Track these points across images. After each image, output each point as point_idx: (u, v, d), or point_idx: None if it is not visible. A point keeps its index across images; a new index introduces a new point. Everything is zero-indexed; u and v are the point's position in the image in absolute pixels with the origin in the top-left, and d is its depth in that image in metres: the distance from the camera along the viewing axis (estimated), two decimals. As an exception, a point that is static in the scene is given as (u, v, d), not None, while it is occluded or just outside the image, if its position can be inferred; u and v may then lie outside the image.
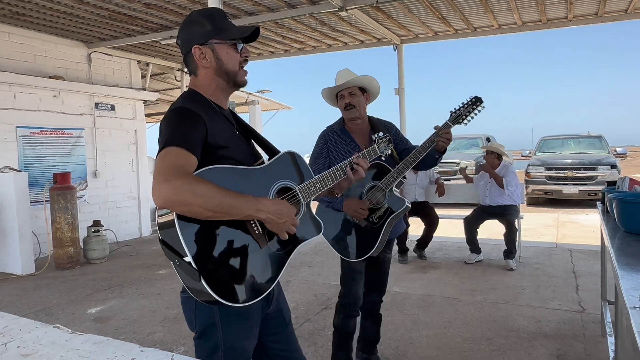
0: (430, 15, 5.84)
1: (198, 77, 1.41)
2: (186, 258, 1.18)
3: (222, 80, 1.41)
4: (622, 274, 1.41)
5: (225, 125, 1.39)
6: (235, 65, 1.40)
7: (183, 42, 1.41)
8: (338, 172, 1.58)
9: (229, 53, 1.39)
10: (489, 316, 3.56)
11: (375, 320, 2.73)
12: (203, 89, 1.41)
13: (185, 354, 3.02)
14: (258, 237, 1.33)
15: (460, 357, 2.89)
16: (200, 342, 1.40)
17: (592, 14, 5.82)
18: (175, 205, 1.17)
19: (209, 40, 1.37)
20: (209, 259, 1.22)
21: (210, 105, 1.38)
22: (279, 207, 1.31)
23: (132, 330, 3.49)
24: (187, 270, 1.20)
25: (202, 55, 1.37)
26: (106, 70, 7.33)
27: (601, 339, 3.06)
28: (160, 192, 1.15)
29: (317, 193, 1.50)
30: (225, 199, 1.19)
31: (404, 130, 7.01)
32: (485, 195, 5.26)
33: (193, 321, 1.40)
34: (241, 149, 1.42)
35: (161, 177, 1.16)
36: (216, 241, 1.25)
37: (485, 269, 4.96)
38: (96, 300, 4.28)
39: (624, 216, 2.09)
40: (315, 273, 4.90)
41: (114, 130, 7.27)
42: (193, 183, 1.16)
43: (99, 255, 5.85)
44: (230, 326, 1.36)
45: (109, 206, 7.16)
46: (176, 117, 1.29)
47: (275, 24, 6.01)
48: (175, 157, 1.20)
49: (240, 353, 1.40)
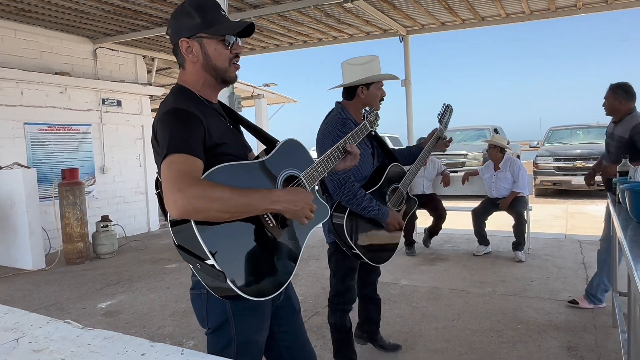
0: (436, 5, 5.77)
1: (186, 70, 1.36)
2: (209, 261, 1.17)
3: (209, 76, 1.35)
4: (637, 265, 1.39)
5: (218, 121, 1.36)
6: (225, 61, 1.34)
7: (172, 33, 1.34)
8: (336, 153, 1.62)
9: (217, 49, 1.32)
10: (498, 308, 3.54)
11: (377, 303, 2.83)
12: (191, 83, 1.35)
13: (194, 347, 3.05)
14: (273, 229, 1.33)
15: (469, 349, 2.88)
16: (212, 337, 1.40)
17: (601, 1, 5.72)
18: (193, 214, 1.14)
19: (197, 34, 1.30)
20: (232, 259, 1.22)
21: (201, 102, 1.33)
22: (293, 195, 1.30)
23: (142, 324, 3.52)
24: (211, 273, 1.19)
25: (190, 49, 1.31)
26: (112, 66, 7.34)
27: (612, 331, 3.03)
28: (175, 203, 1.13)
29: (320, 177, 1.51)
30: (242, 198, 1.18)
31: (410, 121, 6.97)
32: (491, 187, 5.23)
33: (205, 318, 1.39)
34: (236, 143, 1.39)
35: (174, 188, 1.13)
36: (235, 240, 1.25)
37: (493, 261, 4.93)
38: (106, 294, 4.32)
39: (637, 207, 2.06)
40: (323, 266, 4.90)
41: (120, 126, 7.30)
42: (207, 189, 1.14)
43: (108, 250, 5.90)
44: (243, 320, 1.36)
45: (117, 201, 7.20)
46: (173, 120, 1.23)
47: (280, 16, 5.98)
48: (183, 165, 1.16)
49: (253, 346, 1.41)
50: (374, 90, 2.32)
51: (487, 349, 2.87)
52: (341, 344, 2.54)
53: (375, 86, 2.33)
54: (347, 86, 2.36)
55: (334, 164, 1.60)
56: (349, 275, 2.46)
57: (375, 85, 2.33)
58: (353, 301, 2.52)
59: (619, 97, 3.13)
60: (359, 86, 2.31)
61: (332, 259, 2.48)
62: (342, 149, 1.64)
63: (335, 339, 2.56)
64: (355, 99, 2.34)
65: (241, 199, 1.18)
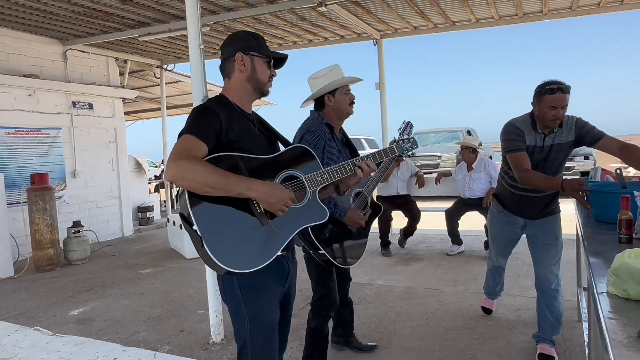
0: (409, 9, 5.87)
1: (232, 79, 1.66)
2: (194, 226, 1.39)
3: (250, 86, 1.65)
4: (593, 260, 1.47)
5: (244, 124, 1.60)
6: (265, 77, 1.66)
7: (227, 50, 1.65)
8: (348, 166, 1.75)
9: (263, 67, 1.65)
10: (470, 306, 3.63)
11: (349, 306, 2.92)
12: (232, 92, 1.65)
13: (169, 352, 3.03)
14: (260, 215, 1.50)
15: (442, 346, 2.95)
16: (232, 316, 1.62)
17: (566, 8, 5.93)
18: (179, 180, 1.39)
19: (250, 52, 1.63)
20: (213, 228, 1.41)
21: (232, 108, 1.61)
22: (270, 188, 1.47)
23: (115, 330, 3.46)
24: (195, 238, 1.40)
25: (242, 61, 1.62)
26: (83, 68, 7.19)
27: (577, 325, 3.16)
28: (169, 169, 1.39)
29: (324, 183, 1.66)
30: (220, 178, 1.40)
31: (384, 123, 7.06)
32: (464, 188, 5.35)
33: (223, 295, 1.63)
34: (259, 145, 1.61)
35: (173, 157, 1.41)
36: (221, 214, 1.44)
37: (466, 260, 5.05)
38: (78, 301, 4.23)
39: (594, 206, 2.17)
40: (300, 268, 4.91)
41: (92, 129, 7.15)
42: (194, 163, 1.39)
43: (79, 257, 5.77)
44: (250, 298, 1.57)
45: (89, 206, 7.05)
46: (196, 112, 1.54)
47: (255, 19, 5.97)
48: (187, 143, 1.44)
49: (263, 321, 1.59)
50: (340, 96, 2.41)
51: (459, 346, 2.94)
52: (314, 349, 2.55)
53: (340, 92, 2.41)
54: (314, 98, 2.46)
55: (344, 175, 1.73)
56: (329, 277, 2.49)
57: (340, 91, 2.41)
58: (336, 305, 2.53)
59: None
60: (325, 95, 2.40)
61: (310, 264, 2.52)
62: (355, 163, 1.76)
63: (312, 343, 2.56)
64: (325, 108, 2.43)
65: (220, 178, 1.39)
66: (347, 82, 2.44)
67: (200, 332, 3.34)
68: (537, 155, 2.54)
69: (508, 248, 3.08)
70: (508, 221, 2.88)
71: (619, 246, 1.64)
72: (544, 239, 2.74)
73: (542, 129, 2.51)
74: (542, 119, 2.47)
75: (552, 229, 2.73)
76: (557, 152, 2.52)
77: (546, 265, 2.73)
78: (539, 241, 2.75)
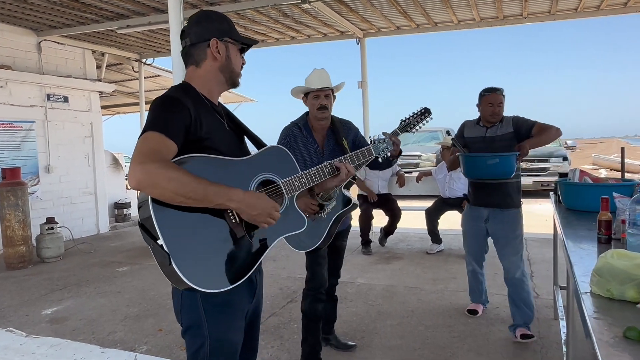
0: (392, 9, 5.89)
1: (200, 68, 1.44)
2: (159, 241, 1.21)
3: (223, 77, 1.46)
4: (575, 260, 1.49)
5: (213, 118, 1.42)
6: (239, 67, 1.49)
7: (197, 32, 1.44)
8: (326, 169, 1.63)
9: (237, 55, 1.48)
10: (449, 304, 3.67)
11: (333, 302, 2.94)
12: (199, 81, 1.44)
13: (147, 352, 2.96)
14: (234, 225, 1.34)
15: (423, 344, 2.97)
16: (187, 337, 1.42)
17: (545, 12, 6.05)
18: (148, 188, 1.20)
19: (225, 38, 1.44)
20: (182, 243, 1.24)
21: (200, 98, 1.41)
22: (253, 199, 1.32)
23: (91, 330, 3.37)
24: (160, 254, 1.22)
25: (217, 48, 1.43)
26: (58, 60, 6.98)
27: (553, 322, 3.22)
28: (134, 173, 1.19)
29: (302, 188, 1.53)
30: (199, 186, 1.22)
31: (366, 122, 7.08)
32: (444, 188, 5.41)
33: (179, 313, 1.42)
34: (228, 142, 1.44)
35: (138, 160, 1.20)
36: (191, 227, 1.27)
37: (446, 259, 5.10)
38: (51, 300, 4.10)
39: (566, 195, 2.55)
40: (280, 267, 4.89)
41: (67, 123, 6.96)
42: (168, 168, 1.20)
43: (53, 254, 5.61)
44: (215, 318, 1.37)
45: (63, 202, 6.86)
46: (160, 105, 1.33)
47: (237, 14, 5.90)
48: (154, 142, 1.24)
49: (227, 346, 1.41)
50: (310, 100, 2.55)
51: (439, 344, 2.97)
52: (308, 332, 2.63)
53: (311, 96, 2.54)
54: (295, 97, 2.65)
55: (323, 178, 1.62)
56: (314, 261, 2.57)
57: (311, 95, 2.54)
58: (321, 287, 2.60)
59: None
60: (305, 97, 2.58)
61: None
62: (333, 166, 1.66)
63: (304, 326, 2.65)
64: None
65: (198, 187, 1.22)
66: (302, 91, 2.56)
67: (178, 332, 3.25)
68: (479, 144, 3.10)
69: (478, 246, 3.26)
70: (473, 215, 3.19)
71: (599, 246, 1.67)
72: (504, 234, 3.04)
73: (484, 123, 3.12)
74: (483, 115, 3.10)
75: (511, 223, 3.03)
76: (501, 142, 3.02)
77: (508, 257, 3.03)
78: (501, 235, 3.06)
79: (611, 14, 5.88)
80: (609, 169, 17.66)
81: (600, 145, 35.89)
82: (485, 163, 2.89)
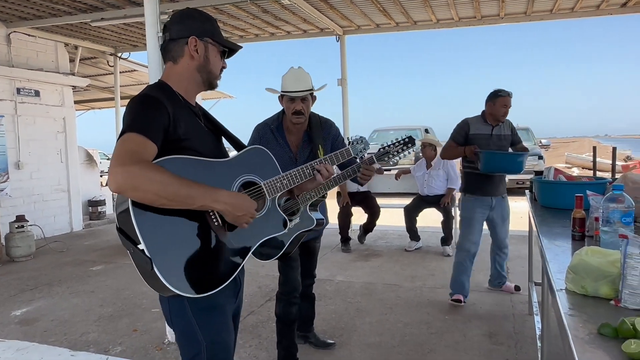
0: (372, 7, 5.90)
1: (177, 65, 1.42)
2: (140, 246, 1.18)
3: (199, 77, 1.44)
4: (550, 257, 1.51)
5: (190, 118, 1.39)
6: (217, 69, 1.47)
7: (178, 29, 1.42)
8: (307, 170, 1.61)
9: (217, 57, 1.46)
10: (427, 301, 3.71)
11: (310, 301, 2.92)
12: (176, 79, 1.41)
13: (122, 353, 2.90)
14: (217, 228, 1.33)
15: (401, 341, 2.99)
16: (181, 343, 1.41)
17: (521, 13, 6.16)
18: (129, 191, 1.16)
19: (206, 37, 1.42)
20: (163, 247, 1.21)
21: (176, 98, 1.38)
22: (238, 200, 1.31)
23: (63, 331, 3.27)
24: (141, 259, 1.19)
25: (195, 47, 1.40)
26: (29, 53, 6.75)
27: (528, 318, 3.29)
28: (114, 176, 1.16)
29: (283, 190, 1.52)
30: (182, 188, 1.20)
31: (346, 120, 7.09)
32: (423, 185, 5.46)
33: (169, 319, 1.41)
34: (206, 143, 1.41)
35: (118, 162, 1.17)
36: (172, 230, 1.24)
37: (424, 256, 5.15)
38: (21, 301, 3.97)
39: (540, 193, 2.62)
40: (259, 265, 4.85)
41: (39, 118, 6.74)
42: (149, 169, 1.17)
43: (23, 253, 5.44)
44: (205, 321, 1.37)
45: (34, 199, 6.65)
46: (138, 105, 1.30)
47: (216, 9, 5.81)
48: (134, 144, 1.20)
49: (222, 347, 1.41)
50: (285, 101, 2.41)
51: (417, 340, 2.99)
52: (283, 335, 2.60)
53: (286, 98, 2.39)
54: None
55: (303, 180, 1.59)
56: (287, 265, 2.52)
57: (286, 97, 2.39)
58: (294, 290, 2.56)
59: None
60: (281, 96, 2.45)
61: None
62: (313, 167, 1.63)
63: (278, 330, 2.62)
64: None
65: (182, 188, 1.19)
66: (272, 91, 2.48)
67: (155, 332, 3.22)
68: (484, 140, 3.37)
69: (480, 233, 3.59)
70: (483, 204, 3.51)
71: (573, 243, 1.70)
72: (503, 214, 3.64)
73: (491, 122, 3.41)
74: (495, 114, 3.36)
75: (507, 205, 3.69)
76: (502, 141, 3.43)
77: (505, 228, 3.70)
78: (502, 216, 3.63)
79: (584, 15, 6.02)
80: (581, 167, 18.16)
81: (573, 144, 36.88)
82: (516, 160, 3.28)
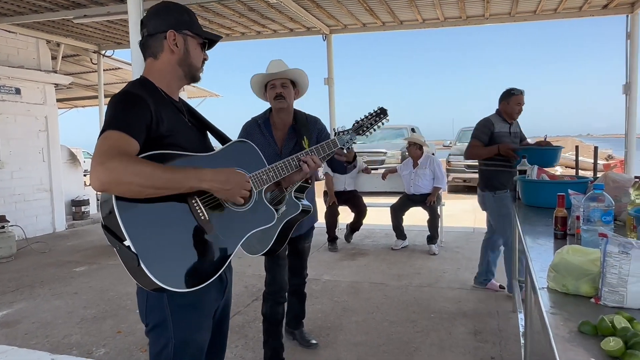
0: (358, 6, 5.91)
1: (158, 60, 1.40)
2: (125, 242, 1.17)
3: (181, 71, 1.42)
4: (533, 256, 1.53)
5: (173, 114, 1.38)
6: (199, 62, 1.45)
7: (155, 23, 1.40)
8: (294, 162, 1.61)
9: (197, 49, 1.44)
10: (413, 299, 3.73)
11: (300, 298, 2.92)
12: (157, 75, 1.40)
13: (105, 355, 2.86)
14: (204, 222, 1.32)
15: (387, 340, 3.00)
16: (152, 337, 1.38)
17: (506, 13, 6.23)
18: (113, 186, 1.15)
19: (184, 30, 1.40)
20: (150, 242, 1.20)
21: (159, 94, 1.37)
22: (223, 175, 1.31)
23: (45, 334, 3.21)
24: (127, 255, 1.18)
25: (174, 41, 1.39)
26: (9, 50, 6.61)
27: (512, 315, 3.33)
28: (96, 174, 1.15)
29: (269, 182, 1.52)
30: (165, 174, 1.20)
31: (332, 119, 7.09)
32: (409, 184, 5.49)
33: (144, 313, 1.38)
34: (191, 139, 1.41)
35: (99, 160, 1.15)
36: (158, 225, 1.24)
37: (410, 255, 5.19)
38: (2, 303, 3.89)
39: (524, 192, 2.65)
40: (245, 264, 4.83)
41: (19, 116, 6.61)
42: (130, 162, 1.16)
43: (4, 254, 5.33)
44: (181, 318, 1.34)
45: (15, 199, 6.52)
46: (120, 101, 1.28)
47: (201, 7, 5.76)
48: (115, 141, 1.19)
49: (192, 346, 1.38)
50: (268, 91, 2.48)
51: (403, 339, 3.01)
52: (269, 335, 2.59)
53: (268, 87, 2.48)
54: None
55: (290, 172, 1.60)
56: (274, 264, 2.52)
57: (268, 86, 2.48)
58: (281, 290, 2.56)
59: None
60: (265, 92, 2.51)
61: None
62: (299, 158, 1.64)
63: (265, 329, 2.61)
64: None
65: (165, 174, 1.19)
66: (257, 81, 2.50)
67: (139, 333, 3.18)
68: (506, 138, 3.54)
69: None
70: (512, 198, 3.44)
71: (555, 242, 1.73)
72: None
73: (508, 120, 3.61)
74: (510, 113, 3.58)
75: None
76: (516, 138, 3.66)
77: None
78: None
79: (567, 17, 6.11)
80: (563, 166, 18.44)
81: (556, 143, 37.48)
82: (556, 154, 3.44)
